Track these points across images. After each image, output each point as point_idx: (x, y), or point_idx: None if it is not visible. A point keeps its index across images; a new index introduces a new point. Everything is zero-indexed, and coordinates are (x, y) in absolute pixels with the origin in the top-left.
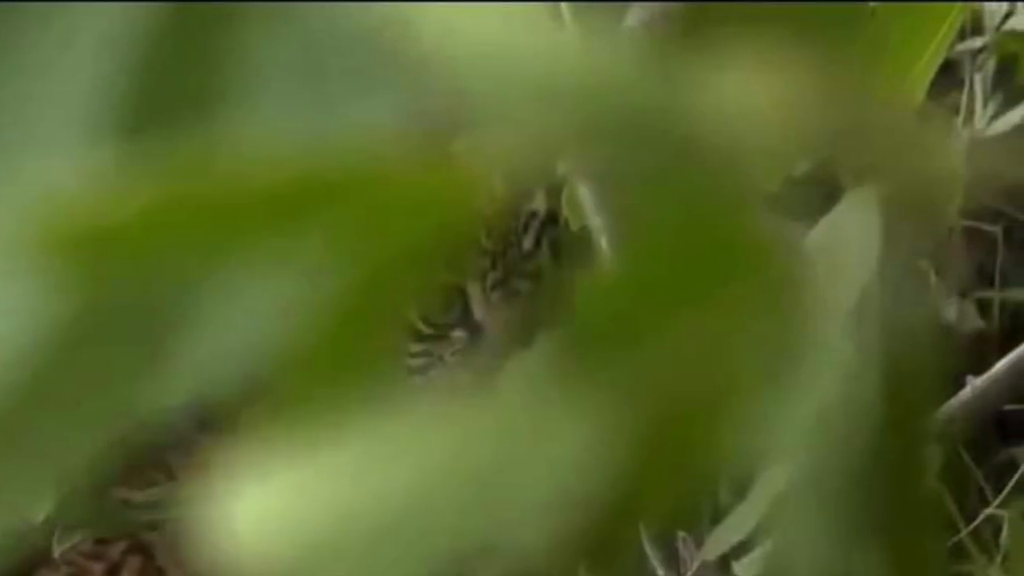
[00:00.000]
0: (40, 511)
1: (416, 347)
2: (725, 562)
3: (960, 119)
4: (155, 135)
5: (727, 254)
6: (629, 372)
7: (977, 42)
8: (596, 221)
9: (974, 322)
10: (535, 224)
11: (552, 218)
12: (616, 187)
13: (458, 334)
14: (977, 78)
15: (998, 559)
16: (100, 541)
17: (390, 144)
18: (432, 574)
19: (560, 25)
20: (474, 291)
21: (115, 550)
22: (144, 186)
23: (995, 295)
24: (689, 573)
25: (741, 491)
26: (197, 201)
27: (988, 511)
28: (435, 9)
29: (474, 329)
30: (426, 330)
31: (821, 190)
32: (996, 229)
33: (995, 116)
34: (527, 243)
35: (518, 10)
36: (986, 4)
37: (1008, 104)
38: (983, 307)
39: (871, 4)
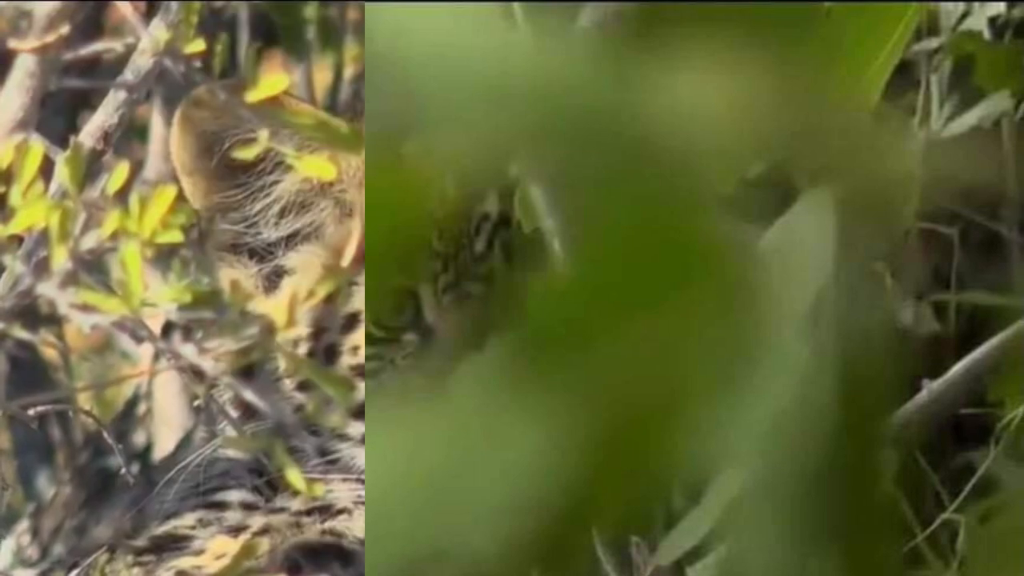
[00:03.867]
0: None
1: (367, 350)
2: (679, 567)
3: (916, 120)
4: None
5: (681, 257)
6: (582, 376)
7: (933, 43)
8: (549, 223)
9: (930, 325)
10: (487, 226)
11: (504, 220)
12: (569, 189)
13: (409, 337)
14: (933, 79)
15: (954, 564)
16: None
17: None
18: None
19: (512, 25)
20: (425, 294)
21: None
22: None
23: (951, 298)
24: None
25: (695, 495)
26: None
27: (944, 516)
28: (387, 9)
29: (426, 332)
30: (377, 333)
31: (776, 192)
32: (952, 231)
33: (951, 117)
34: (479, 246)
35: (470, 10)
36: (942, 4)
37: (964, 105)
38: (939, 310)
39: (826, 4)
